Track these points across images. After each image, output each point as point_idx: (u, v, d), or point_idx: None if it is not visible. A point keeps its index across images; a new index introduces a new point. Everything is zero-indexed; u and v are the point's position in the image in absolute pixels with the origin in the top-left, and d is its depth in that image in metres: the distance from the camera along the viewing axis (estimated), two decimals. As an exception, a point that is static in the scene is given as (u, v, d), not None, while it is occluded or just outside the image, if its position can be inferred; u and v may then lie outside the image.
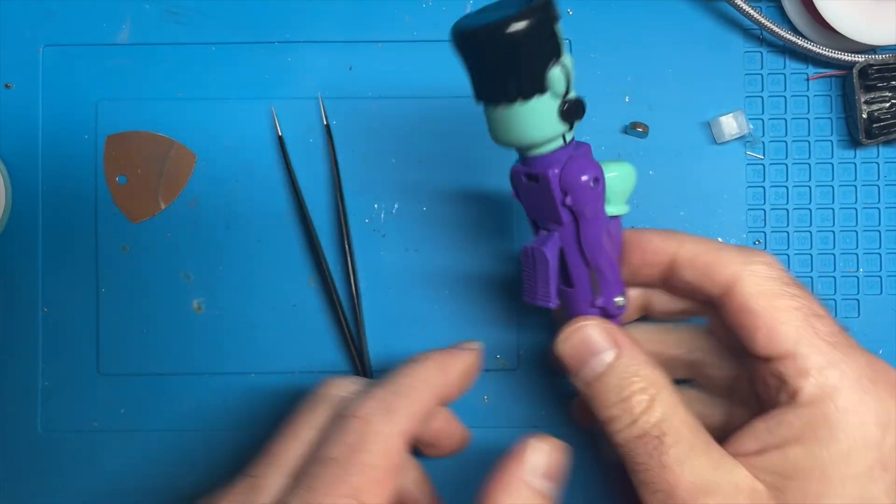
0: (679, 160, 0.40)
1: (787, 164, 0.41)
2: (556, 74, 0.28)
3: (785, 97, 0.41)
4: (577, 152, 0.30)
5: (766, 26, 0.39)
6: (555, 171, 0.30)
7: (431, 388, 0.31)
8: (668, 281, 0.33)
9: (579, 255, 0.31)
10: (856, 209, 0.40)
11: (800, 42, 0.39)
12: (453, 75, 0.40)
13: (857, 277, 0.40)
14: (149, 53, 0.40)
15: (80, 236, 0.40)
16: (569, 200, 0.30)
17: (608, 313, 0.33)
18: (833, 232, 0.40)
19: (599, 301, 0.32)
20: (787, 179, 0.40)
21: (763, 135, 0.40)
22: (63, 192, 0.40)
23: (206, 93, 0.40)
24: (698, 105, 0.40)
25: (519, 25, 0.26)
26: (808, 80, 0.41)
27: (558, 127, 0.29)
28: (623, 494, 0.31)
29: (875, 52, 0.40)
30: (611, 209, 0.31)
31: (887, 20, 0.38)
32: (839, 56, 0.39)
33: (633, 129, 0.40)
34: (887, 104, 0.39)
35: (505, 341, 0.40)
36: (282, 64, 0.41)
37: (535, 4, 0.26)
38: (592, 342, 0.30)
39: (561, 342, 0.31)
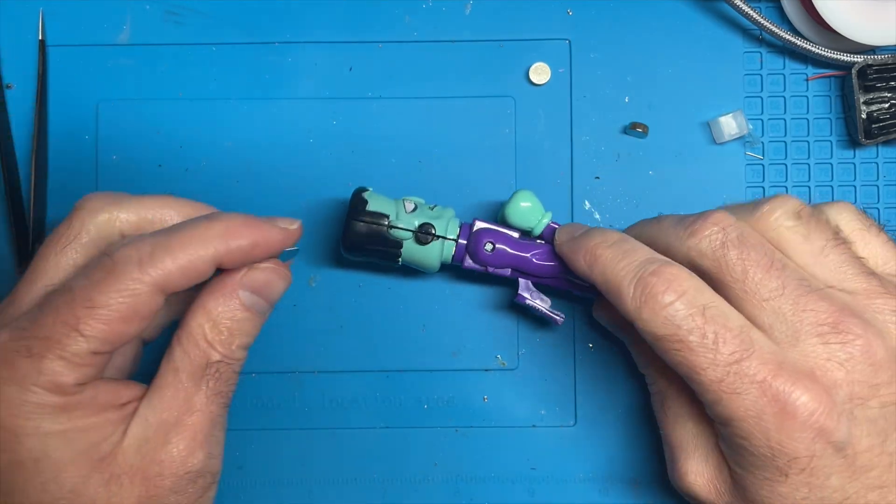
0: (679, 160, 0.40)
1: (786, 165, 0.41)
2: (394, 233, 0.36)
3: (784, 97, 0.41)
4: (470, 235, 0.37)
5: (765, 27, 0.39)
6: (468, 262, 0.37)
7: (205, 250, 0.30)
8: None
9: (542, 280, 0.38)
10: (855, 209, 0.40)
11: (799, 42, 0.39)
12: (453, 75, 0.41)
13: (857, 277, 0.40)
14: (149, 54, 0.40)
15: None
16: (491, 269, 0.37)
17: None
18: (832, 232, 0.40)
19: (590, 286, 0.35)
20: (786, 180, 0.41)
21: (762, 135, 0.41)
22: (64, 192, 0.40)
23: (206, 93, 0.40)
24: (698, 105, 0.40)
25: (349, 236, 0.36)
26: (807, 80, 0.41)
27: (435, 249, 0.36)
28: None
29: (874, 53, 0.40)
30: (538, 228, 0.37)
31: (887, 20, 0.38)
32: (838, 56, 0.39)
33: (633, 129, 0.40)
34: (886, 104, 0.40)
35: (505, 341, 0.40)
36: (282, 64, 0.41)
37: (348, 214, 0.36)
38: None
39: (600, 309, 0.38)
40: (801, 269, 0.32)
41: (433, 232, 0.36)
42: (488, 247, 0.37)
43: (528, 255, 0.37)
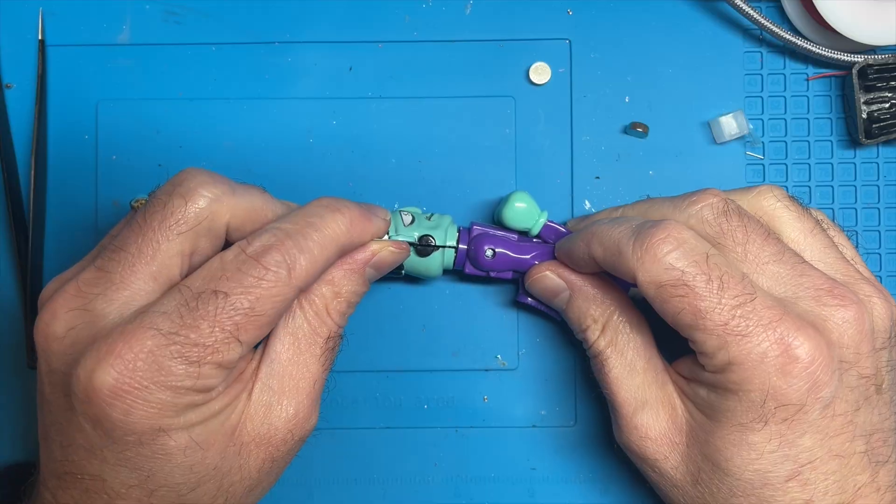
0: (679, 160, 0.40)
1: (786, 165, 0.41)
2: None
3: (785, 97, 0.41)
4: (469, 240, 0.37)
5: (765, 26, 0.39)
6: (469, 267, 0.38)
7: (336, 247, 0.32)
8: None
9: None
10: (856, 209, 0.40)
11: (799, 42, 0.39)
12: (453, 75, 0.41)
13: (857, 277, 0.40)
14: (149, 54, 0.40)
15: (82, 235, 0.40)
16: (493, 274, 0.37)
17: None
18: (833, 232, 0.40)
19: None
20: (786, 179, 0.41)
21: (763, 135, 0.41)
22: (64, 192, 0.40)
23: (206, 93, 0.40)
24: (698, 105, 0.40)
25: None
26: (807, 80, 0.41)
27: (437, 257, 0.37)
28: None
29: (874, 53, 0.40)
30: (535, 228, 0.37)
31: (887, 20, 0.38)
32: (839, 56, 0.39)
33: (633, 129, 0.40)
34: (887, 104, 0.40)
35: (505, 341, 0.40)
36: (282, 64, 0.41)
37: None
38: (551, 286, 0.36)
39: (529, 285, 0.37)
40: (793, 243, 0.33)
41: (433, 244, 0.37)
42: (489, 253, 0.37)
43: (528, 257, 0.37)
